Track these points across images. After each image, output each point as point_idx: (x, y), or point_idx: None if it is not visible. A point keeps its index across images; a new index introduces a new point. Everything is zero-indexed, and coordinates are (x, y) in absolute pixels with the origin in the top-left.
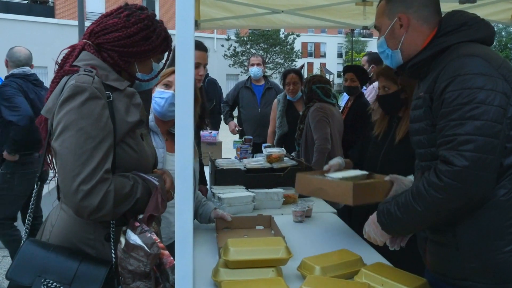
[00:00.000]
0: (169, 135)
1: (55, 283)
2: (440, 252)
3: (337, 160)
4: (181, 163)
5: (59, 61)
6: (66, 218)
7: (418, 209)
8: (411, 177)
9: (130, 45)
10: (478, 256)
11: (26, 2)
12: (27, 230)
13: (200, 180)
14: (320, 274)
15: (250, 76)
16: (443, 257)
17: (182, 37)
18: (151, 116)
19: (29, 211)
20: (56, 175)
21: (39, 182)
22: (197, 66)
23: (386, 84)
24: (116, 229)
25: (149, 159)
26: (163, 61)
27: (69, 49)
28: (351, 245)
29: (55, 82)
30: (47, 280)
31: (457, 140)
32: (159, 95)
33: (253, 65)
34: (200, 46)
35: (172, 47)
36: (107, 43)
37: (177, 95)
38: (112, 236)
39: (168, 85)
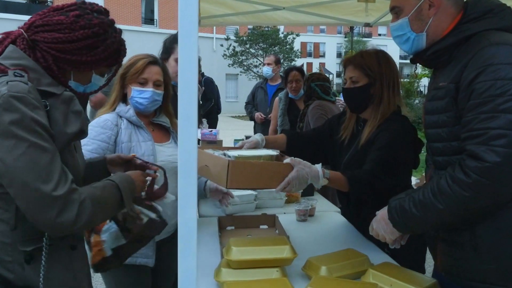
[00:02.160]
0: (154, 126)
1: None
2: (455, 252)
3: (255, 137)
4: (184, 157)
5: None
6: None
7: (439, 207)
8: (318, 166)
9: (70, 51)
10: (497, 258)
11: (24, 1)
12: None
13: None
14: (326, 274)
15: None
16: (459, 257)
17: (185, 34)
18: (131, 111)
19: None
20: None
21: None
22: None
23: (355, 75)
24: (49, 248)
25: (80, 172)
26: (109, 75)
27: (2, 35)
28: (355, 244)
29: None
30: None
31: (489, 134)
32: (138, 95)
33: (264, 64)
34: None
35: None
36: (44, 43)
37: (180, 92)
38: (43, 256)
39: (144, 83)
